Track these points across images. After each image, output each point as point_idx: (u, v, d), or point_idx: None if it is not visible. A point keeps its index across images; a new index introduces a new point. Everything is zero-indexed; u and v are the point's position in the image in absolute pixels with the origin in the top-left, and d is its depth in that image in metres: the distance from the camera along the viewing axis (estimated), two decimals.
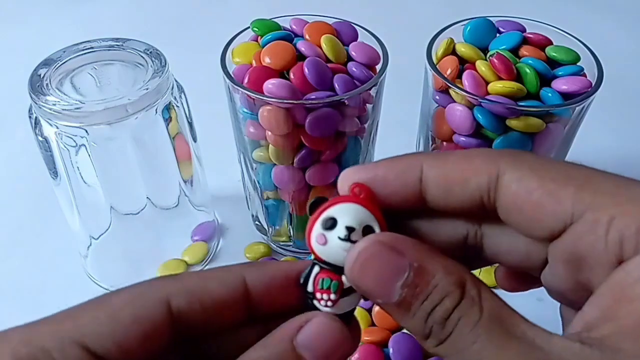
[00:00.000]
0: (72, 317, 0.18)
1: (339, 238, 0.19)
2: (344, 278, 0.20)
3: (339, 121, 0.36)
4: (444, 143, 0.39)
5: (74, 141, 0.35)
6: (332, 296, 0.20)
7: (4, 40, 0.73)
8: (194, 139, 0.41)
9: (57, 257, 0.45)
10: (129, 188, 0.40)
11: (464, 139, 0.36)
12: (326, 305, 0.20)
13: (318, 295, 0.20)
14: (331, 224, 0.20)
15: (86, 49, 0.37)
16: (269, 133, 0.36)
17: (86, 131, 0.34)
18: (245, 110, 0.37)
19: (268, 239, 0.46)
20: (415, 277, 0.18)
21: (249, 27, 0.40)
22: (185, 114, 0.39)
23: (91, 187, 0.38)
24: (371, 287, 0.19)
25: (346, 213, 0.20)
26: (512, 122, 0.34)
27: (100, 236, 0.41)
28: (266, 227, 0.45)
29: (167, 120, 0.37)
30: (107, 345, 0.18)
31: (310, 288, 0.20)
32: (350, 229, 0.19)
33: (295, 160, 0.37)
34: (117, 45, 0.38)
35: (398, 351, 0.35)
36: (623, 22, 0.76)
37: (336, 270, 0.20)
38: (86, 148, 0.35)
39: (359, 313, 0.38)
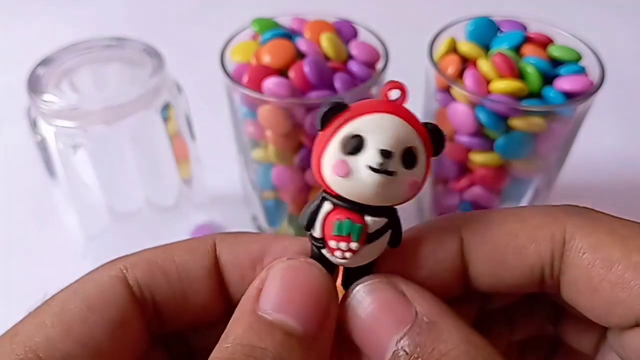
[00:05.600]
0: (21, 330, 0.15)
1: (371, 168, 0.14)
2: (367, 219, 0.15)
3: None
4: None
5: (72, 140, 0.35)
6: (354, 245, 0.15)
7: (2, 39, 0.73)
8: (193, 139, 0.41)
9: (54, 257, 0.45)
10: (127, 188, 0.39)
11: (466, 138, 0.36)
12: (343, 257, 0.15)
13: (332, 243, 0.15)
14: (356, 144, 0.14)
15: (84, 49, 0.37)
16: (269, 132, 0.36)
17: (84, 130, 0.34)
18: (245, 109, 0.37)
19: None
20: (419, 334, 0.14)
21: (248, 26, 0.39)
22: (184, 113, 0.39)
23: (89, 187, 0.37)
24: (363, 334, 0.15)
25: (379, 129, 0.14)
26: (514, 122, 0.34)
27: (97, 236, 0.41)
28: (266, 228, 0.45)
29: (166, 120, 0.37)
30: (66, 348, 0.15)
31: (317, 233, 0.15)
32: (387, 154, 0.14)
33: (295, 160, 0.37)
34: (115, 44, 0.38)
35: None
36: (625, 21, 0.76)
37: (360, 209, 0.15)
38: (84, 148, 0.35)
39: None
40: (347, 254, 0.15)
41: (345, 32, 0.39)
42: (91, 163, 0.36)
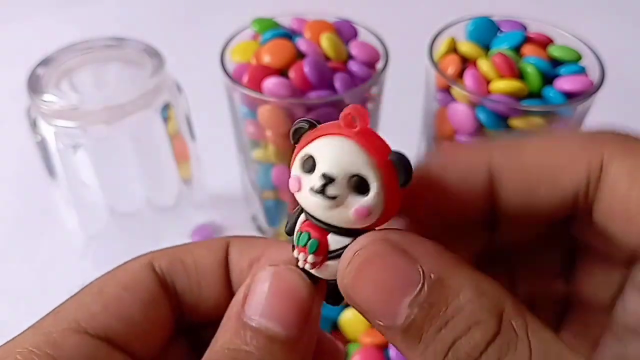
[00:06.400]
0: (63, 309, 0.17)
1: (311, 189, 0.14)
2: (329, 237, 0.15)
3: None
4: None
5: (72, 140, 0.35)
6: (310, 258, 0.15)
7: (2, 39, 0.73)
8: (193, 139, 0.41)
9: (54, 257, 0.45)
10: (127, 188, 0.39)
11: (465, 138, 0.36)
12: (304, 268, 0.16)
13: (294, 251, 0.16)
14: (310, 165, 0.15)
15: (84, 49, 0.37)
16: (269, 132, 0.36)
17: (84, 130, 0.34)
18: (245, 109, 0.37)
19: None
20: (430, 294, 0.13)
21: (248, 26, 0.39)
22: (184, 113, 0.39)
23: (89, 187, 0.37)
24: (369, 303, 0.14)
25: (328, 152, 0.14)
26: (514, 122, 0.34)
27: (97, 236, 0.41)
28: (266, 228, 0.45)
29: (166, 120, 0.37)
30: (106, 321, 0.16)
31: (295, 240, 0.16)
32: (327, 179, 0.14)
33: None
34: (115, 44, 0.38)
35: (400, 355, 0.35)
36: (625, 20, 0.76)
37: (326, 226, 0.15)
38: (84, 148, 0.35)
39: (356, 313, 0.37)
40: (307, 265, 0.16)
41: (345, 32, 0.39)
42: (91, 163, 0.36)
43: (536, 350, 0.13)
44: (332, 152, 0.14)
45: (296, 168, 0.15)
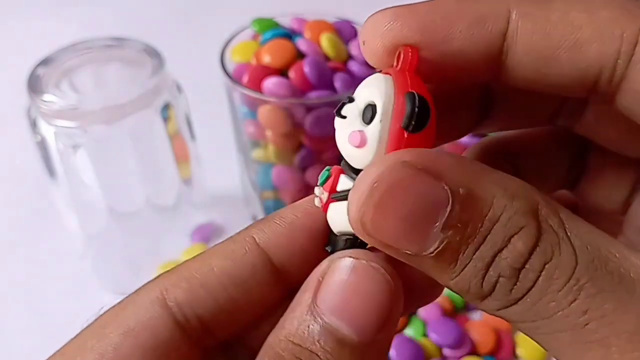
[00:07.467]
0: (64, 352, 0.15)
1: (335, 112, 0.14)
2: (341, 177, 0.15)
3: None
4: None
5: (72, 140, 0.35)
6: (316, 189, 0.15)
7: (2, 39, 0.73)
8: (193, 139, 0.41)
9: (54, 257, 0.45)
10: (127, 188, 0.39)
11: (465, 137, 0.36)
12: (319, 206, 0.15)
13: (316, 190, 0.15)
14: (349, 97, 0.15)
15: (84, 49, 0.37)
16: (269, 132, 0.36)
17: (84, 130, 0.34)
18: (245, 109, 0.37)
19: None
20: (462, 211, 0.12)
21: (248, 26, 0.39)
22: (184, 113, 0.39)
23: (89, 187, 0.37)
24: (395, 238, 0.12)
25: (363, 83, 0.14)
26: None
27: (97, 236, 0.41)
28: None
29: (166, 120, 0.37)
30: None
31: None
32: (348, 99, 0.14)
33: (295, 160, 0.37)
34: (115, 44, 0.38)
35: (400, 354, 0.35)
36: None
37: (345, 166, 0.15)
38: (84, 148, 0.35)
39: None
40: (316, 201, 0.15)
41: (345, 32, 0.39)
42: (91, 163, 0.36)
43: (579, 246, 0.12)
44: (366, 82, 0.14)
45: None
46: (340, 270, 0.14)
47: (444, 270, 0.12)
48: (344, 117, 0.14)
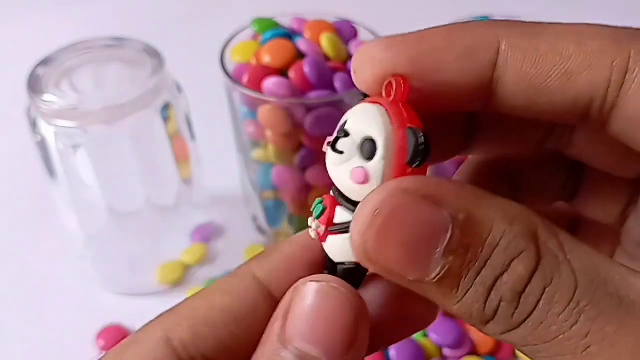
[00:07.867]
0: None
1: (327, 143, 0.14)
2: (338, 210, 0.14)
3: (339, 120, 0.36)
4: None
5: (72, 140, 0.35)
6: (313, 222, 0.15)
7: (2, 39, 0.73)
8: (193, 139, 0.41)
9: (54, 257, 0.45)
10: (127, 188, 0.39)
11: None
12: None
13: (309, 220, 0.15)
14: (341, 125, 0.15)
15: (84, 49, 0.37)
16: (269, 132, 0.36)
17: (84, 130, 0.34)
18: (245, 109, 0.37)
19: (268, 239, 0.46)
20: (463, 236, 0.12)
21: (248, 26, 0.39)
22: (184, 113, 0.39)
23: (89, 187, 0.37)
24: (397, 264, 0.13)
25: (354, 113, 0.14)
26: None
27: (97, 236, 0.41)
28: (266, 228, 0.45)
29: (166, 120, 0.37)
30: None
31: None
32: (342, 132, 0.14)
33: (295, 160, 0.37)
34: (115, 44, 0.38)
35: (400, 354, 0.35)
36: (625, 21, 0.76)
37: (341, 198, 0.14)
38: (84, 148, 0.35)
39: None
40: (312, 233, 0.15)
41: (345, 32, 0.39)
42: (91, 163, 0.36)
43: (579, 269, 0.12)
44: (357, 113, 0.14)
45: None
46: (305, 296, 0.14)
47: (446, 296, 0.13)
48: (341, 153, 0.14)
